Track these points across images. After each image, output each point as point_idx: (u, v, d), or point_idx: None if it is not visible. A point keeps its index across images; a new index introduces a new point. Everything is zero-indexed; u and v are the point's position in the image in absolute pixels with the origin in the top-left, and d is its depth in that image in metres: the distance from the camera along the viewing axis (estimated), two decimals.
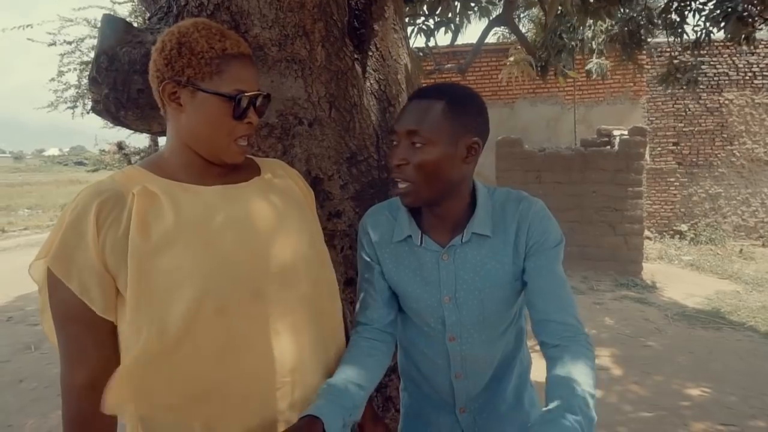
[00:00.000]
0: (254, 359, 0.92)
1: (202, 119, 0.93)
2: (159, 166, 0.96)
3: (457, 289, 1.11)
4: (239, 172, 1.01)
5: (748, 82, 9.74)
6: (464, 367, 1.17)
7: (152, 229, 0.86)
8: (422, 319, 1.16)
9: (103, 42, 1.28)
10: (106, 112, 1.31)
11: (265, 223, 0.96)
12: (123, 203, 0.87)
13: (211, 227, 0.90)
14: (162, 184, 0.92)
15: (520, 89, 9.18)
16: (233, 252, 0.90)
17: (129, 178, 0.92)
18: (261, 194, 0.99)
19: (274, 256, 0.95)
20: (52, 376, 3.90)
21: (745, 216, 9.92)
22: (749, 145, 9.80)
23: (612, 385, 3.76)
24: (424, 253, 1.13)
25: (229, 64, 0.92)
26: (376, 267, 1.17)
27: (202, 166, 0.97)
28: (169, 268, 0.85)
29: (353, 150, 1.41)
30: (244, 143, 0.97)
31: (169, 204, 0.89)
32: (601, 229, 7.08)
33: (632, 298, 6.21)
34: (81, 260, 0.85)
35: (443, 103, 1.03)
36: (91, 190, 0.89)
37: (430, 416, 1.26)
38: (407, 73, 1.56)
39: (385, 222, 1.17)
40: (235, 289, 0.90)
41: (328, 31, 1.34)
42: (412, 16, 4.11)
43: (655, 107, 10.05)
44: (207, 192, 0.94)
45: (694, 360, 4.27)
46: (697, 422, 3.21)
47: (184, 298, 0.85)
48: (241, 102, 0.92)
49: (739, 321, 5.34)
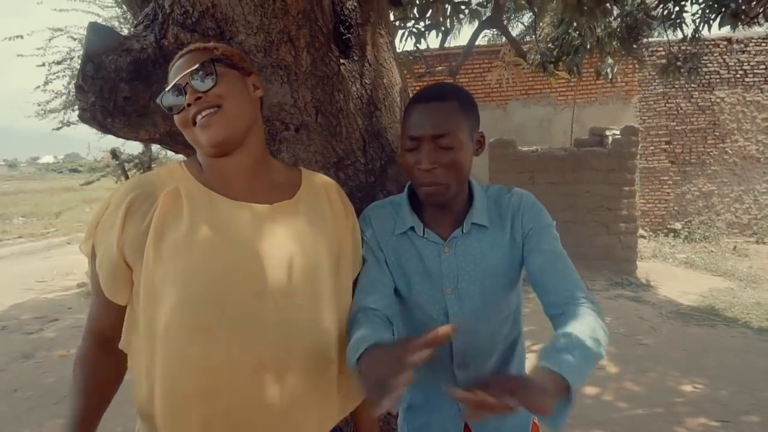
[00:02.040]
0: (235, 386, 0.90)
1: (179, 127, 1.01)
2: (197, 167, 1.02)
3: (459, 280, 1.15)
4: (271, 192, 1.02)
5: (740, 80, 9.80)
6: (467, 360, 1.20)
7: (165, 236, 0.90)
8: (425, 311, 1.19)
9: (89, 50, 1.28)
10: (92, 120, 1.32)
11: (273, 249, 0.95)
12: (154, 199, 0.94)
13: (214, 246, 0.91)
14: (193, 189, 0.96)
15: (513, 90, 9.21)
16: (226, 272, 0.91)
17: (170, 175, 0.99)
18: (281, 219, 0.99)
19: (269, 282, 0.93)
20: (47, 386, 3.89)
21: (738, 213, 9.98)
22: (741, 143, 9.86)
23: (607, 383, 3.78)
24: (425, 245, 1.17)
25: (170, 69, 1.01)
26: (382, 256, 1.19)
27: (220, 174, 1.00)
28: (169, 276, 0.89)
29: (340, 154, 1.42)
30: (202, 123, 0.95)
31: (188, 212, 0.92)
32: (595, 229, 7.10)
33: (627, 297, 6.23)
34: (106, 247, 0.93)
35: (456, 103, 1.09)
36: (132, 182, 0.98)
37: (432, 409, 1.27)
38: (394, 77, 1.58)
39: (387, 215, 1.21)
40: (222, 310, 0.89)
41: (313, 37, 1.35)
42: (403, 20, 4.13)
43: (647, 106, 10.11)
44: (226, 206, 0.96)
45: (688, 357, 4.30)
46: (692, 419, 3.23)
47: (167, 309, 0.88)
48: (163, 100, 0.98)
49: (733, 318, 5.37)
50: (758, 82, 9.76)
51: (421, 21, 4.02)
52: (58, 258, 9.45)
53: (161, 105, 0.98)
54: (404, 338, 1.01)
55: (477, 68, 9.55)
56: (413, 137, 1.09)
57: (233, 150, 0.98)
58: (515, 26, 10.98)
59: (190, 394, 0.88)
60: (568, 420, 0.88)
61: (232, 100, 0.97)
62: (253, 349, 0.90)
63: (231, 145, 0.97)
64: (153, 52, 1.32)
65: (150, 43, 1.32)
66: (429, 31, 4.10)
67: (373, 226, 1.20)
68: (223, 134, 0.95)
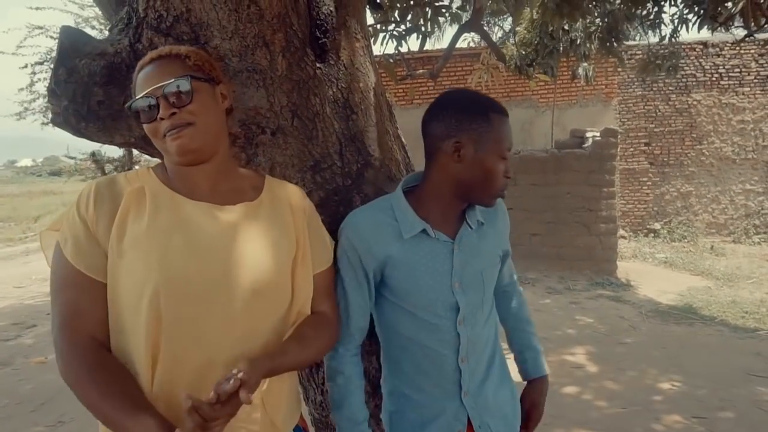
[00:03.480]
0: (183, 383, 0.91)
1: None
2: (163, 171, 1.04)
3: (464, 274, 1.24)
4: (234, 195, 1.04)
5: (715, 83, 10.02)
6: (468, 350, 1.26)
7: (127, 230, 0.93)
8: (430, 310, 1.23)
9: (62, 53, 1.27)
10: (66, 124, 1.31)
11: (231, 250, 0.97)
12: (121, 194, 0.96)
13: (174, 240, 0.92)
14: (157, 189, 0.99)
15: (494, 93, 9.26)
16: (184, 267, 0.92)
17: (137, 177, 1.01)
18: (241, 220, 1.01)
19: (228, 283, 0.95)
20: (24, 393, 3.82)
21: (715, 213, 10.18)
22: (717, 144, 10.07)
23: (587, 382, 3.83)
24: (435, 244, 1.23)
25: (136, 78, 1.01)
26: (370, 273, 1.23)
27: (185, 179, 1.02)
28: (128, 270, 0.91)
29: (317, 158, 1.43)
30: (174, 138, 0.96)
31: (151, 208, 0.95)
32: (575, 230, 7.20)
33: (608, 297, 6.32)
34: (77, 230, 0.94)
35: None
36: (101, 179, 1.00)
37: (435, 405, 1.27)
38: (370, 80, 1.59)
39: (387, 220, 1.23)
40: (179, 304, 0.91)
41: (289, 41, 1.35)
42: (384, 23, 4.15)
43: (626, 109, 10.27)
44: (188, 206, 0.98)
45: (666, 355, 4.37)
46: (669, 415, 3.29)
47: (132, 302, 0.91)
48: (133, 105, 0.98)
49: (710, 316, 5.48)
50: (733, 85, 9.98)
51: (401, 24, 4.04)
52: (37, 263, 9.27)
53: (129, 111, 0.99)
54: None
55: (459, 71, 9.62)
56: (509, 148, 1.22)
57: (202, 160, 1.01)
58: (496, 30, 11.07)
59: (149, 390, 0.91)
60: (547, 419, 1.03)
61: (204, 116, 0.98)
62: (205, 346, 0.92)
63: (201, 156, 1.00)
64: (127, 56, 1.31)
65: (124, 47, 1.32)
66: (409, 34, 4.12)
67: (368, 236, 1.21)
68: (194, 147, 0.98)
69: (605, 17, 5.11)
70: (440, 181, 1.23)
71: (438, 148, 1.21)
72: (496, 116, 1.19)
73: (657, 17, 4.74)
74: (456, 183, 1.21)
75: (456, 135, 1.18)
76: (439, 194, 1.24)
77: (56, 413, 3.48)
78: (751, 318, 5.38)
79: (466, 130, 1.18)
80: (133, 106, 0.98)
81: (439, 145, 1.21)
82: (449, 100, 1.23)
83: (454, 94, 1.25)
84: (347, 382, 1.26)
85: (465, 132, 1.18)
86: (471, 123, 1.18)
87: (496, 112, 1.20)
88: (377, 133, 1.56)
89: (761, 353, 4.37)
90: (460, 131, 1.18)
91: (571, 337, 4.89)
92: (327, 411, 1.61)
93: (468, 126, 1.18)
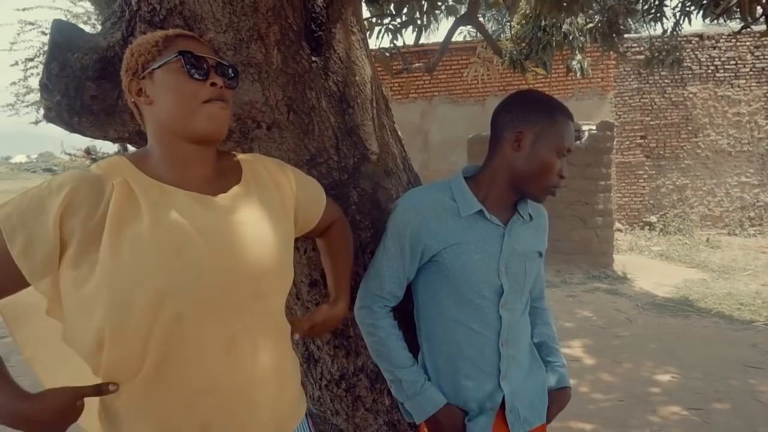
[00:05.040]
0: (207, 371, 0.92)
1: (165, 92, 0.94)
2: (144, 161, 0.97)
3: (510, 260, 1.31)
4: (220, 181, 1.02)
5: (711, 76, 10.02)
6: (509, 334, 1.32)
7: (126, 228, 0.87)
8: (477, 290, 1.29)
9: (54, 48, 1.26)
10: (59, 119, 1.30)
11: (236, 237, 0.96)
12: (102, 191, 0.88)
13: (182, 235, 0.91)
14: (142, 182, 0.93)
15: (491, 87, 9.27)
16: (199, 261, 0.91)
17: (113, 168, 0.93)
18: (236, 206, 1.00)
19: (240, 270, 0.95)
20: None
21: (711, 206, 10.21)
22: (713, 137, 10.08)
23: (584, 374, 3.85)
24: (489, 227, 1.30)
25: (173, 40, 0.97)
26: (418, 248, 1.30)
27: (181, 164, 0.97)
28: (135, 266, 0.86)
29: (313, 152, 1.42)
30: (214, 109, 0.95)
31: (146, 205, 0.90)
32: (572, 223, 7.21)
33: (604, 290, 6.34)
34: (35, 229, 0.85)
35: None
36: (72, 173, 0.90)
37: (468, 392, 1.32)
38: (366, 74, 1.58)
39: (445, 200, 1.31)
40: (195, 299, 0.90)
41: (284, 35, 1.34)
42: (379, 16, 4.12)
43: (622, 102, 10.27)
44: (184, 198, 0.95)
45: (662, 347, 4.39)
46: (665, 407, 3.31)
47: (145, 298, 0.86)
48: (188, 58, 0.94)
49: (706, 308, 5.50)
50: (729, 77, 9.99)
51: (397, 17, 4.02)
52: None
53: (178, 55, 0.93)
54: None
55: (455, 64, 9.59)
56: (568, 149, 1.27)
57: (212, 141, 0.99)
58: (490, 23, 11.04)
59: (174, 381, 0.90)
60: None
61: (231, 104, 1.02)
62: (225, 331, 0.93)
63: (219, 137, 0.99)
64: (120, 50, 1.29)
65: (117, 40, 1.30)
66: (405, 27, 4.10)
67: (426, 214, 1.29)
68: (224, 127, 0.98)
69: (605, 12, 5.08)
70: (498, 168, 1.31)
71: (501, 136, 1.30)
72: (561, 117, 1.27)
73: (658, 11, 4.71)
74: (512, 171, 1.29)
75: (519, 125, 1.27)
76: (496, 181, 1.31)
77: None
78: (746, 310, 5.40)
79: (529, 122, 1.26)
80: (187, 53, 0.94)
81: (502, 134, 1.30)
82: (521, 95, 1.33)
83: (528, 91, 1.34)
84: (387, 334, 1.33)
85: (528, 123, 1.26)
86: (536, 117, 1.27)
87: (562, 114, 1.28)
88: (374, 127, 1.55)
89: (757, 345, 4.40)
90: (524, 122, 1.27)
91: (567, 330, 4.91)
92: (325, 406, 1.61)
93: (532, 119, 1.27)
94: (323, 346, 1.56)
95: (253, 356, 0.96)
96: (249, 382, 0.96)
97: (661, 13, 4.74)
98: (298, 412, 1.11)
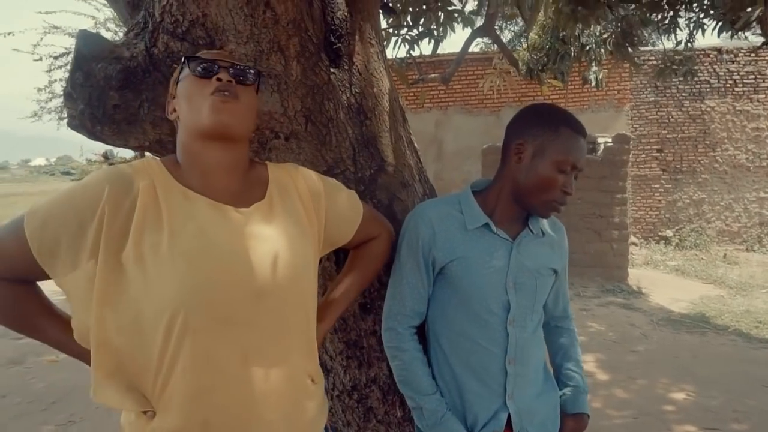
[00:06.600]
0: (218, 385, 0.92)
1: (182, 98, 1.01)
2: (175, 165, 1.01)
3: (519, 276, 1.28)
4: (246, 193, 1.03)
5: (729, 90, 9.92)
6: (517, 352, 1.28)
7: (144, 238, 0.90)
8: (484, 305, 1.27)
9: (78, 58, 1.28)
10: (81, 127, 1.32)
11: (251, 252, 0.96)
12: (130, 190, 0.92)
13: (197, 247, 0.91)
14: (168, 185, 0.96)
15: (506, 97, 9.27)
16: (212, 274, 0.91)
17: (145, 169, 0.97)
18: (256, 221, 1.00)
19: (252, 285, 0.95)
20: (36, 392, 3.85)
21: (728, 221, 10.07)
22: (731, 152, 9.96)
23: (597, 390, 3.79)
24: (496, 240, 1.28)
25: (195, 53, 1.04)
26: (430, 260, 1.29)
27: (204, 170, 0.99)
28: (149, 278, 0.88)
29: (330, 163, 1.42)
30: (217, 100, 0.96)
31: (167, 212, 0.92)
32: (586, 236, 7.15)
33: (618, 304, 6.27)
34: (65, 232, 0.89)
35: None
36: (107, 172, 0.95)
37: (473, 410, 1.29)
38: (384, 86, 1.59)
39: (451, 212, 1.30)
40: (202, 312, 0.90)
41: (303, 47, 1.35)
42: (396, 27, 4.15)
43: (639, 115, 10.20)
44: (204, 206, 0.96)
45: (678, 365, 4.32)
46: (681, 426, 3.25)
47: (157, 311, 0.88)
48: (194, 61, 0.99)
49: (724, 325, 5.41)
50: (748, 91, 9.88)
51: (414, 28, 4.04)
52: None
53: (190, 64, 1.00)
54: None
55: (470, 75, 9.60)
56: (573, 165, 1.22)
57: (223, 137, 0.99)
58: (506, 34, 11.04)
59: (186, 393, 0.91)
60: None
61: (248, 106, 1.03)
62: (237, 346, 0.93)
63: (228, 131, 0.98)
64: (143, 60, 1.32)
65: (140, 51, 1.32)
66: (422, 38, 4.12)
67: (434, 225, 1.28)
68: (231, 123, 0.98)
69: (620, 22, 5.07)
70: (503, 180, 1.30)
71: (508, 147, 1.30)
72: (566, 130, 1.23)
73: (672, 22, 4.70)
74: (514, 184, 1.28)
75: (522, 137, 1.26)
76: (503, 194, 1.30)
77: (67, 412, 3.50)
78: (765, 328, 5.30)
79: (532, 135, 1.25)
80: (196, 59, 1.00)
81: (509, 145, 1.30)
82: (531, 107, 1.32)
83: (539, 104, 1.32)
84: (412, 358, 1.31)
85: (531, 136, 1.25)
86: (539, 129, 1.24)
87: (568, 127, 1.23)
88: (390, 139, 1.56)
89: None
90: (526, 134, 1.26)
91: (581, 344, 4.84)
92: (336, 417, 1.61)
93: (535, 131, 1.25)
94: (336, 357, 1.56)
95: (265, 373, 0.95)
96: (259, 399, 0.95)
97: (675, 24, 4.72)
98: (317, 428, 1.10)
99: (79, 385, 3.81)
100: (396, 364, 1.33)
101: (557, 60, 5.55)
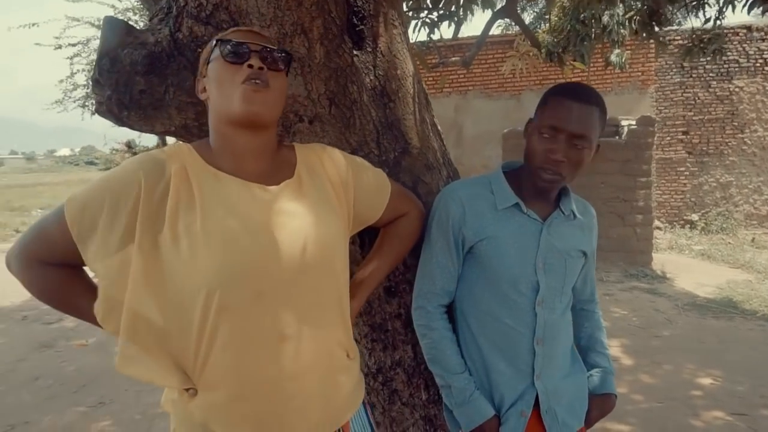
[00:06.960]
0: (254, 360, 0.94)
1: (213, 82, 1.01)
2: (206, 148, 1.03)
3: (548, 256, 1.27)
4: (275, 174, 1.04)
5: (759, 69, 9.61)
6: (545, 333, 1.28)
7: (178, 221, 0.92)
8: (513, 285, 1.27)
9: (105, 44, 1.29)
10: (109, 113, 1.33)
11: (281, 230, 0.98)
12: (162, 174, 0.95)
13: (230, 227, 0.93)
14: (199, 167, 0.98)
15: (527, 81, 9.12)
16: (245, 254, 0.93)
17: (177, 153, 1.00)
18: (286, 199, 1.02)
19: (284, 263, 0.96)
20: (67, 374, 3.97)
21: (757, 204, 9.82)
22: (760, 133, 9.68)
23: (622, 375, 3.76)
24: (526, 221, 1.28)
25: (225, 37, 1.01)
26: (460, 239, 1.30)
27: (235, 154, 1.01)
28: (185, 258, 0.91)
29: (354, 146, 1.42)
30: (248, 89, 0.97)
31: (198, 194, 0.94)
32: (610, 220, 7.04)
33: (642, 289, 6.19)
34: (102, 216, 0.92)
35: (599, 111, 1.21)
36: (141, 158, 0.97)
37: (501, 390, 1.30)
38: (407, 68, 1.57)
39: (482, 192, 1.31)
40: (238, 290, 0.92)
41: (327, 29, 1.34)
42: (416, 10, 4.09)
43: (663, 96, 9.96)
44: (235, 187, 0.98)
45: (704, 350, 4.26)
46: (708, 411, 3.21)
47: (193, 290, 0.91)
48: (225, 45, 0.98)
49: (752, 310, 5.30)
50: None
51: (434, 11, 3.98)
52: None
53: (221, 47, 0.99)
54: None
55: (491, 58, 9.47)
56: (555, 128, 1.19)
57: (254, 125, 1.00)
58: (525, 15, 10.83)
59: (226, 370, 0.93)
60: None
61: (279, 91, 1.03)
62: (272, 323, 0.95)
63: (258, 119, 0.99)
64: (168, 45, 1.32)
65: (165, 36, 1.33)
66: (442, 21, 4.06)
67: (465, 204, 1.29)
68: (262, 112, 0.98)
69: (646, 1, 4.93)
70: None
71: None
72: (554, 98, 1.23)
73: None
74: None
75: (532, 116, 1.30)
76: (527, 173, 1.30)
77: (97, 395, 3.60)
78: None
79: (537, 109, 1.28)
80: (227, 44, 0.99)
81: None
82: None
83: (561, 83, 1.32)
84: (441, 336, 1.32)
85: (536, 111, 1.28)
86: (541, 101, 1.27)
87: (557, 95, 1.23)
88: (414, 122, 1.54)
89: None
90: (536, 112, 1.28)
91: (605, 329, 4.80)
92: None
93: (539, 104, 1.27)
94: (361, 340, 1.57)
95: (302, 348, 0.97)
96: (298, 373, 0.97)
97: (704, 1, 4.57)
98: (354, 403, 1.12)
99: (108, 369, 3.91)
100: (425, 342, 1.34)
101: (577, 42, 5.43)
